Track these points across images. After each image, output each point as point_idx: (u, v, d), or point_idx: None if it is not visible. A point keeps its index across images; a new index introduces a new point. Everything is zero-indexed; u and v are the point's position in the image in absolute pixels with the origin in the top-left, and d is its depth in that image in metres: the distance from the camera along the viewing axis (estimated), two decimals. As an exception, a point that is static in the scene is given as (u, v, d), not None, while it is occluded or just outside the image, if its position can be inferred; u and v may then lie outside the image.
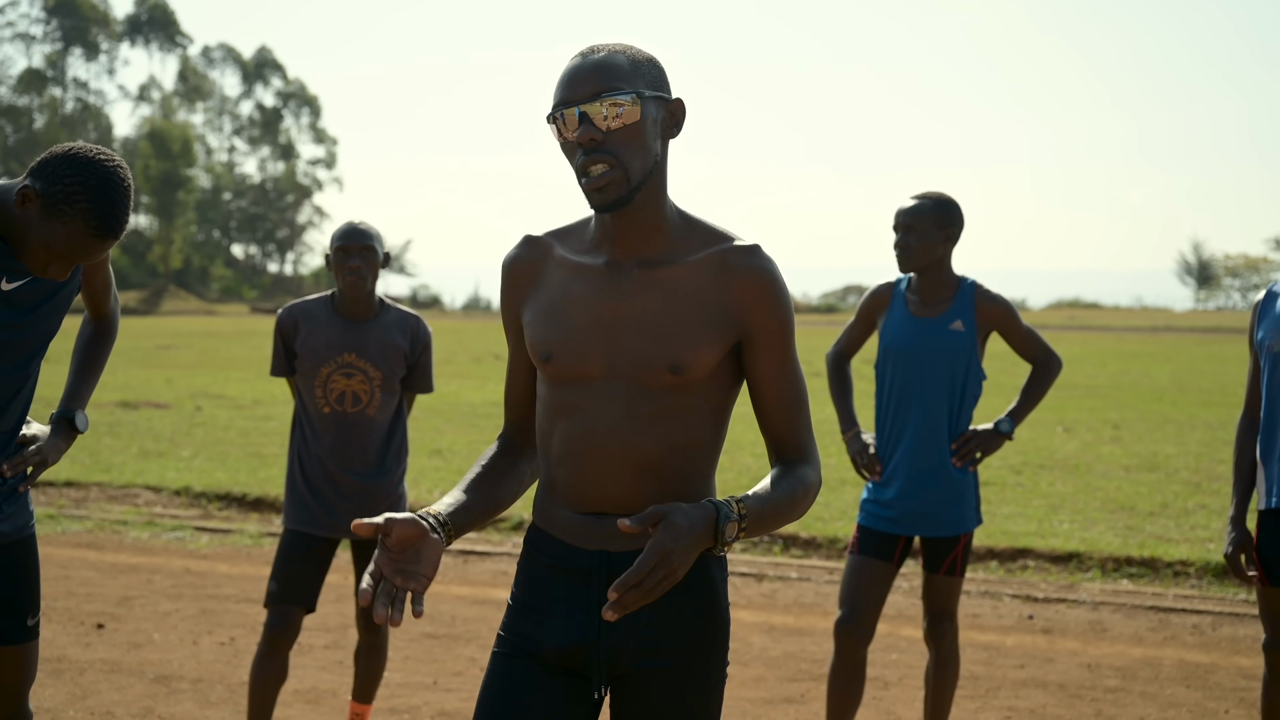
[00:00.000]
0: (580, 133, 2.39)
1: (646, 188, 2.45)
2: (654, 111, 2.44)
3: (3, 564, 3.35)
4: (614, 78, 2.40)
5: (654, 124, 2.44)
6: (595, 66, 2.41)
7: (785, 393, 2.50)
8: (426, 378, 4.82)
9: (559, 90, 2.44)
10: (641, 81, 2.43)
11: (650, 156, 2.44)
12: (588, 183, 2.41)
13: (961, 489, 4.62)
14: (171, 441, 13.68)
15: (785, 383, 2.50)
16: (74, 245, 3.06)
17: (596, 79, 2.40)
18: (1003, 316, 4.65)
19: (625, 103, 2.39)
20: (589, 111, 2.39)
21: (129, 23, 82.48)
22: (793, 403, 2.50)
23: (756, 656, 6.39)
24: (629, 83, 2.41)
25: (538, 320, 2.53)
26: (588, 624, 2.50)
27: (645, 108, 2.42)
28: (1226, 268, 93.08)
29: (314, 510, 4.69)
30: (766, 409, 2.51)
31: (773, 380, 2.49)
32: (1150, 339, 42.61)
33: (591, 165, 2.39)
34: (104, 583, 7.67)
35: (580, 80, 2.41)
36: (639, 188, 2.42)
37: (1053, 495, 10.83)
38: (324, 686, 5.79)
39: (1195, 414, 17.65)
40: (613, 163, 2.39)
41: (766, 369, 2.48)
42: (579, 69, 2.42)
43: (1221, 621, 7.20)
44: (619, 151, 2.40)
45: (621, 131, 2.40)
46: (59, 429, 3.47)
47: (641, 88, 2.43)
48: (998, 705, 5.72)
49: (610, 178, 2.39)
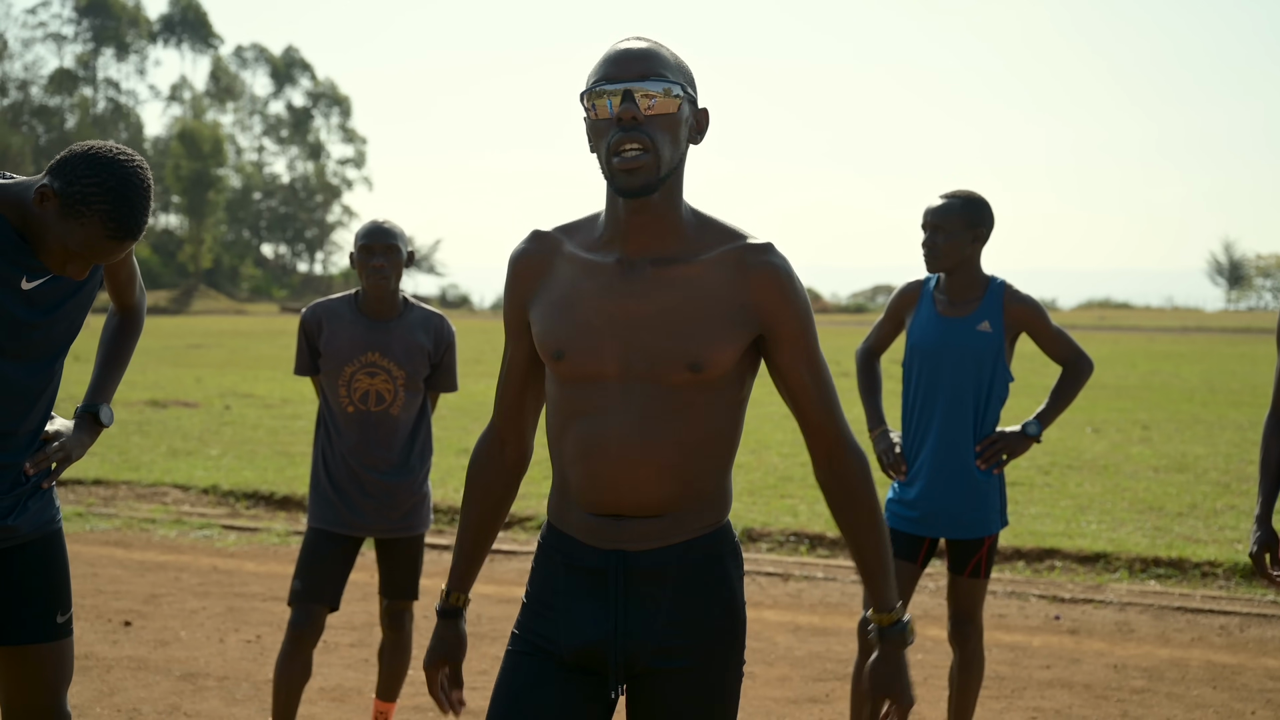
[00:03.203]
0: (623, 109, 2.41)
1: (668, 184, 2.45)
2: (688, 111, 2.49)
3: (30, 560, 3.35)
4: (661, 66, 2.45)
5: (686, 122, 2.48)
6: (644, 52, 2.46)
7: (813, 384, 2.53)
8: (450, 377, 4.82)
9: (602, 68, 2.46)
10: (683, 78, 2.48)
11: (679, 151, 2.47)
12: (620, 162, 2.42)
13: (986, 491, 4.60)
14: (200, 440, 13.73)
15: (813, 374, 2.53)
16: (91, 246, 3.03)
17: (646, 63, 2.44)
18: (1032, 317, 4.62)
19: (670, 91, 2.43)
20: (634, 90, 2.42)
21: (162, 22, 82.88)
22: (824, 391, 2.55)
23: (782, 656, 6.39)
24: (674, 75, 2.46)
25: (546, 317, 2.52)
26: (605, 623, 2.50)
27: (683, 103, 2.46)
28: (1258, 268, 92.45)
29: (338, 509, 4.70)
30: (800, 401, 2.54)
31: (800, 373, 2.52)
32: (1181, 339, 42.36)
33: (627, 143, 2.41)
34: (132, 580, 7.71)
35: (629, 61, 2.45)
36: (665, 178, 2.44)
37: (1081, 495, 10.78)
38: (349, 684, 5.81)
39: (1225, 414, 17.54)
40: (648, 145, 2.41)
41: (793, 363, 2.51)
42: (627, 51, 2.46)
43: (1249, 622, 7.16)
44: (655, 135, 2.42)
45: (660, 119, 2.43)
46: (83, 424, 3.45)
47: (683, 83, 2.47)
48: (1023, 706, 5.70)
49: (643, 161, 2.41)
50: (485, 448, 2.71)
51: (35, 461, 3.30)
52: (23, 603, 3.33)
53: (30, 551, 3.35)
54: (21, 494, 3.30)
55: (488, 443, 2.70)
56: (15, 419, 3.25)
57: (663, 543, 2.49)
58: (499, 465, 2.70)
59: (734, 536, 2.59)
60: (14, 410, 3.24)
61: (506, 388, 2.67)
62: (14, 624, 3.33)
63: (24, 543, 3.33)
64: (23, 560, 3.34)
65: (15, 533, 3.31)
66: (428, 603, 6.73)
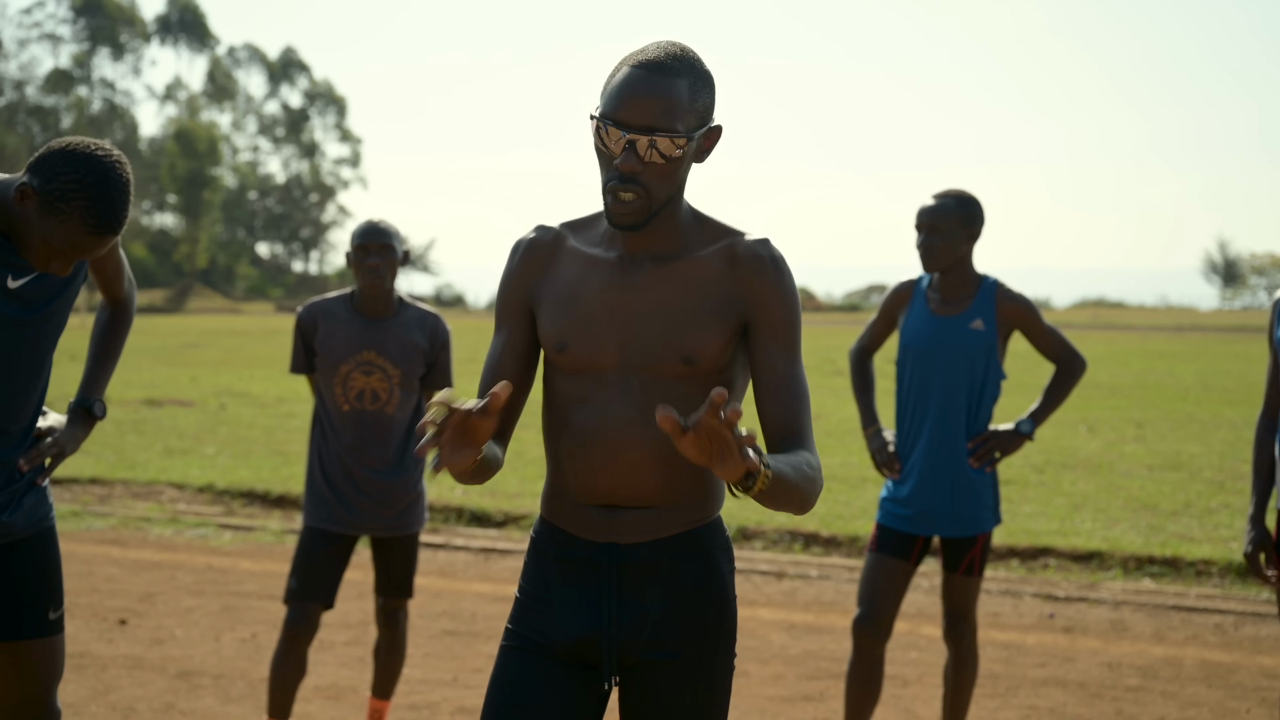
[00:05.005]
0: (622, 160, 2.38)
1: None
2: (695, 145, 2.44)
3: (23, 556, 3.36)
4: (672, 115, 2.38)
5: (691, 156, 2.45)
6: (656, 93, 2.38)
7: (787, 381, 2.46)
8: (446, 376, 4.83)
9: (614, 98, 2.39)
10: (694, 118, 2.42)
11: (677, 186, 2.46)
12: (613, 202, 2.42)
13: (979, 489, 4.61)
14: (195, 439, 13.74)
15: (787, 371, 2.47)
16: (73, 242, 3.03)
17: (656, 112, 2.37)
18: (1024, 315, 4.63)
19: (674, 144, 2.38)
20: (637, 143, 2.37)
21: (159, 23, 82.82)
22: (794, 392, 2.47)
23: (776, 654, 6.40)
24: (684, 120, 2.39)
25: (552, 309, 2.53)
26: (597, 616, 2.52)
27: (688, 146, 2.41)
28: (1253, 266, 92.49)
29: (333, 507, 4.71)
30: (766, 397, 2.47)
31: (775, 367, 2.46)
32: (1175, 338, 42.40)
33: (622, 190, 2.40)
34: (127, 579, 7.72)
35: (639, 104, 2.38)
36: (659, 212, 2.44)
37: (1075, 494, 10.80)
38: (344, 683, 5.82)
39: (1219, 413, 17.57)
40: (641, 193, 2.40)
41: (769, 355, 2.46)
42: (641, 87, 2.38)
43: (1244, 621, 7.18)
44: (651, 184, 2.41)
45: (659, 167, 2.40)
46: (76, 418, 3.46)
47: (693, 126, 2.42)
48: (1018, 704, 5.72)
49: (636, 206, 2.41)
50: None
51: (29, 458, 3.31)
52: (15, 599, 3.33)
53: (24, 548, 3.36)
54: (16, 490, 3.31)
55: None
56: (7, 417, 3.25)
57: (655, 535, 2.51)
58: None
59: (725, 531, 2.60)
60: (6, 408, 3.24)
61: (495, 378, 2.58)
62: (6, 620, 3.34)
63: (17, 540, 3.34)
64: (16, 557, 3.34)
65: (9, 529, 3.31)
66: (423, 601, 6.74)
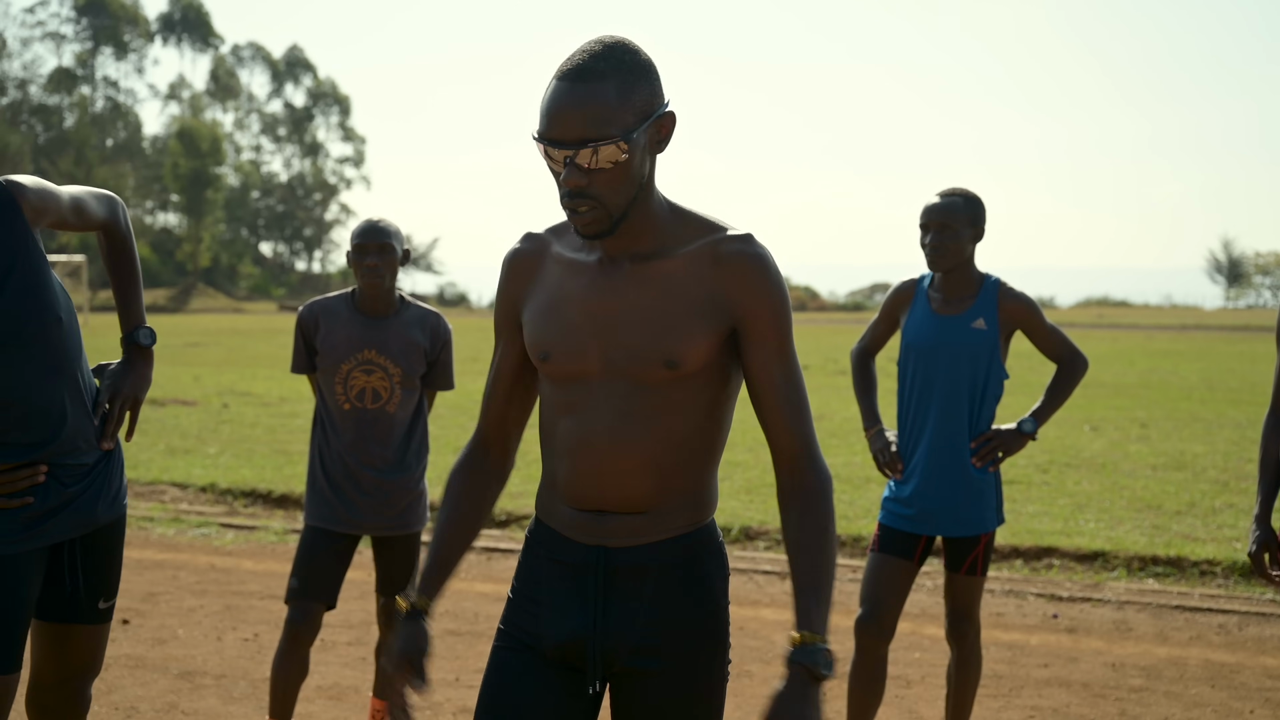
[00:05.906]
0: (565, 176, 2.32)
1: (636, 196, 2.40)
2: (642, 140, 2.35)
3: (96, 543, 3.36)
4: (601, 122, 2.29)
5: (642, 153, 2.36)
6: (581, 103, 2.29)
7: (782, 385, 2.42)
8: (447, 375, 4.82)
9: (545, 116, 2.32)
10: (631, 114, 2.32)
11: (636, 186, 2.37)
12: (572, 216, 2.37)
13: (981, 488, 4.60)
14: (198, 438, 13.73)
15: (782, 374, 2.42)
16: None
17: (584, 123, 2.29)
18: (1025, 314, 4.61)
19: (617, 149, 2.31)
20: (577, 157, 2.31)
21: (162, 21, 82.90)
22: (793, 399, 2.42)
23: (778, 654, 6.38)
24: (617, 123, 2.30)
25: (536, 319, 2.50)
26: (585, 618, 2.50)
27: (633, 145, 2.32)
28: (1257, 265, 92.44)
29: (335, 507, 4.70)
30: (765, 403, 2.43)
31: (770, 373, 2.41)
32: (1180, 337, 42.38)
33: (576, 205, 2.35)
34: (129, 578, 7.70)
35: (566, 120, 2.30)
36: (623, 217, 2.38)
37: (1079, 494, 10.79)
38: (346, 683, 5.81)
39: (1224, 413, 17.54)
40: (594, 204, 2.34)
41: (762, 360, 2.41)
42: (564, 102, 2.30)
43: (1248, 621, 7.16)
44: (603, 194, 2.34)
45: (607, 174, 2.32)
46: (130, 356, 3.44)
47: (631, 124, 2.32)
48: (1021, 704, 5.70)
49: (593, 216, 2.36)
50: (468, 452, 2.65)
51: (108, 434, 3.29)
52: (74, 582, 3.33)
53: (103, 536, 3.37)
54: (95, 478, 3.30)
55: (471, 447, 2.66)
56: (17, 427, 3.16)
57: (644, 540, 2.47)
58: (481, 470, 2.65)
59: (718, 537, 2.56)
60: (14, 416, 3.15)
61: (493, 393, 2.63)
62: (64, 602, 3.35)
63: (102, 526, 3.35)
64: (91, 543, 3.35)
65: (94, 520, 3.32)
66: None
